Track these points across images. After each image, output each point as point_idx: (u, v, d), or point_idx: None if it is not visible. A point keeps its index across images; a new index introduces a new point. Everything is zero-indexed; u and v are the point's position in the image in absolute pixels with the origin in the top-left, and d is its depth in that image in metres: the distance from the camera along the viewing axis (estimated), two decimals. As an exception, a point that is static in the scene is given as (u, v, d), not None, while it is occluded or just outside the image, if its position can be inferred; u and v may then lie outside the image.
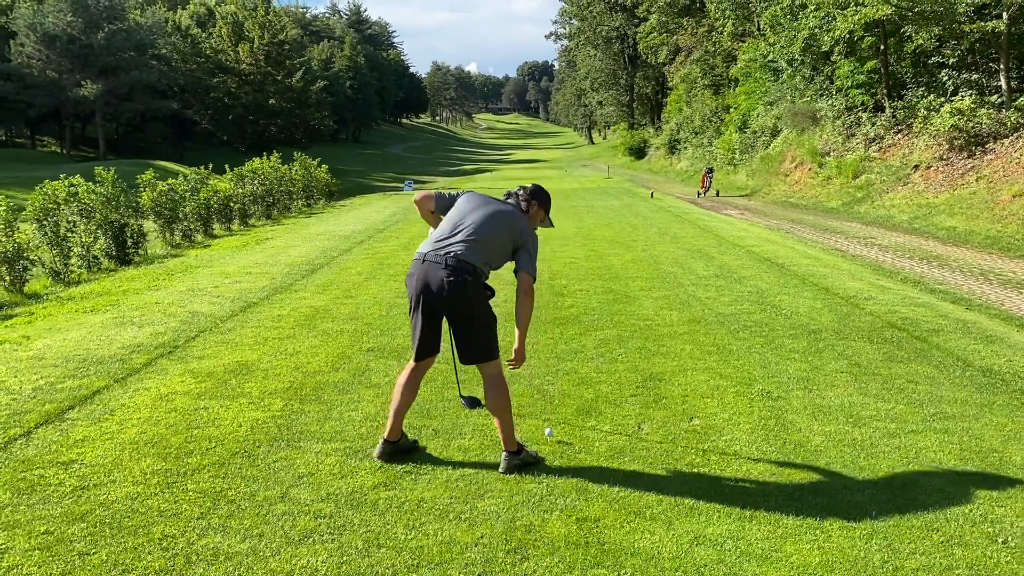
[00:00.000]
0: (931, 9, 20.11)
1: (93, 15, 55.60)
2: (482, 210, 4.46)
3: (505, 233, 4.42)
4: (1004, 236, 14.90)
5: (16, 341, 7.27)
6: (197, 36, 65.88)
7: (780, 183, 29.06)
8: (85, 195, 12.95)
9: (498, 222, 4.42)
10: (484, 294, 4.40)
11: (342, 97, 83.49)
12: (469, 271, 4.23)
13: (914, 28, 21.90)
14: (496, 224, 4.41)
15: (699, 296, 9.06)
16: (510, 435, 4.38)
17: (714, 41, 43.18)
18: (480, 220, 4.39)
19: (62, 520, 3.77)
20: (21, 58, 54.26)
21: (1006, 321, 8.60)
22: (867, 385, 5.81)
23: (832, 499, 4.00)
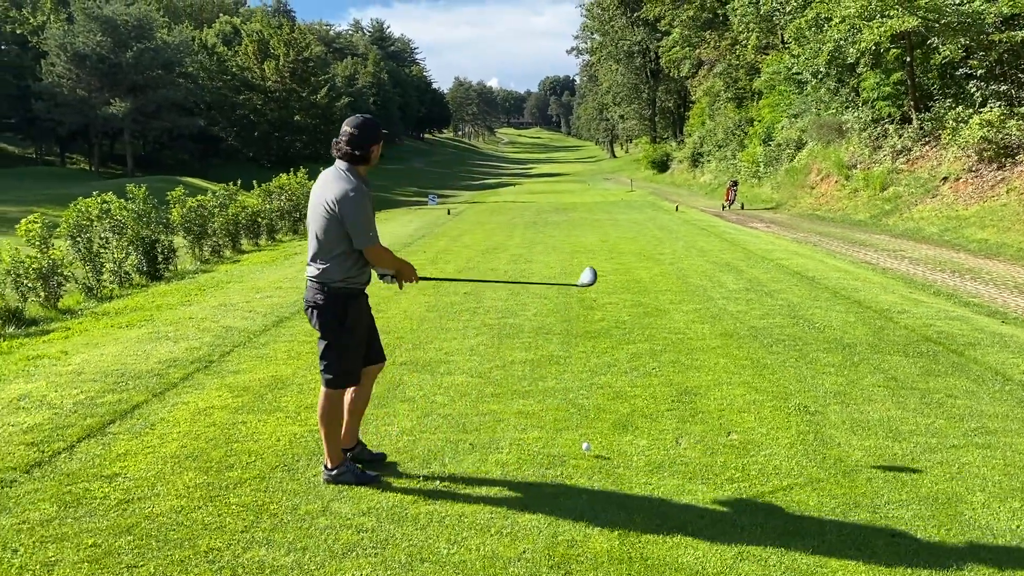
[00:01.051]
0: (958, 20, 19.97)
1: (122, 34, 56.56)
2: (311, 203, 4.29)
3: (320, 217, 4.16)
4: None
5: (55, 356, 7.37)
6: (223, 54, 66.81)
7: (806, 196, 28.89)
8: (117, 212, 13.13)
9: (313, 208, 4.22)
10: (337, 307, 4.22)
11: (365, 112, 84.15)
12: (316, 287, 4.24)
13: (941, 40, 21.75)
14: (313, 212, 4.23)
15: (730, 310, 9.01)
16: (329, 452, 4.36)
17: (737, 54, 43.13)
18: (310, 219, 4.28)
19: (109, 533, 3.81)
20: (52, 77, 55.32)
21: (1043, 334, 8.48)
22: (905, 399, 5.76)
23: (875, 515, 3.97)
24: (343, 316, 4.23)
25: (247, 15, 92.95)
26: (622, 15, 68.27)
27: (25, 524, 3.91)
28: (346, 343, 4.29)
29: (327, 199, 4.10)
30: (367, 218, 4.13)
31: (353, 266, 4.20)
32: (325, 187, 4.18)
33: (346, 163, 4.22)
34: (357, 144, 4.19)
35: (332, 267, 4.17)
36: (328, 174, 4.26)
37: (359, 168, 4.23)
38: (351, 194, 4.08)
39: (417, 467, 4.60)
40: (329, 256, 4.17)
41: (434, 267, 13.16)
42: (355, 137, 4.19)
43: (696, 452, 4.78)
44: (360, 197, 4.10)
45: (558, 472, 4.50)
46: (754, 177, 36.21)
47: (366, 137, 4.21)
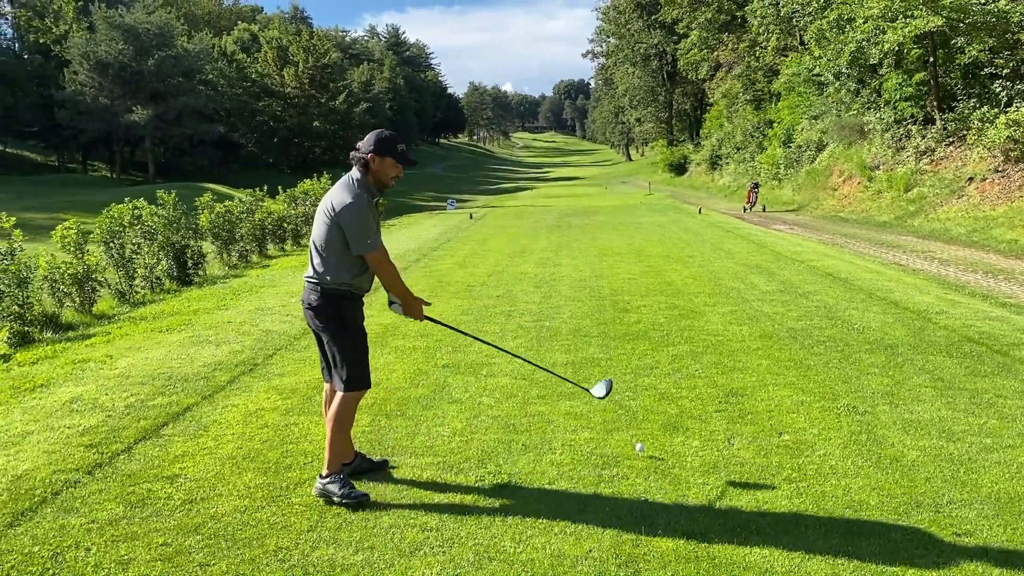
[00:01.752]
0: (983, 20, 19.85)
1: (143, 42, 57.08)
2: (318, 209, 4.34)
3: (322, 222, 4.22)
4: (1069, 248, 14.57)
5: (100, 360, 7.46)
6: (242, 61, 67.30)
7: (828, 197, 28.75)
8: (148, 218, 13.25)
9: (318, 211, 4.28)
10: (331, 307, 4.23)
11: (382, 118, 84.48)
12: (311, 287, 4.30)
13: (966, 39, 21.61)
14: (317, 215, 4.30)
15: (766, 311, 9.00)
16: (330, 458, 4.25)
17: (756, 56, 43.00)
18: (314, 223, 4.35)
19: (177, 532, 3.87)
20: (75, 85, 55.91)
21: (1084, 335, 8.41)
22: (954, 400, 5.73)
23: (938, 514, 3.96)
24: (340, 316, 4.24)
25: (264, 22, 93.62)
26: (638, 18, 68.27)
27: (94, 524, 3.97)
28: (353, 342, 4.27)
29: (330, 204, 4.17)
30: (363, 226, 4.11)
31: (347, 271, 4.20)
32: (332, 193, 4.24)
33: (358, 172, 4.22)
34: (364, 150, 4.20)
35: (327, 269, 4.21)
36: (339, 181, 4.31)
37: (368, 178, 4.21)
38: (349, 201, 4.10)
39: (473, 466, 4.63)
40: (326, 258, 4.21)
41: (463, 271, 13.21)
42: (363, 143, 4.25)
43: (750, 452, 4.78)
44: (358, 206, 4.09)
45: (613, 472, 4.51)
46: (774, 179, 36.07)
47: (369, 143, 4.20)
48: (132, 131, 57.72)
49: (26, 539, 3.82)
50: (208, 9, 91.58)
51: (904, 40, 22.35)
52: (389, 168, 4.21)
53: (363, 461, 4.60)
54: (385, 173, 4.22)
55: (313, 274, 4.28)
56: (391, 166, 4.21)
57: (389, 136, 4.24)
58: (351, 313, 4.29)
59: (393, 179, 4.26)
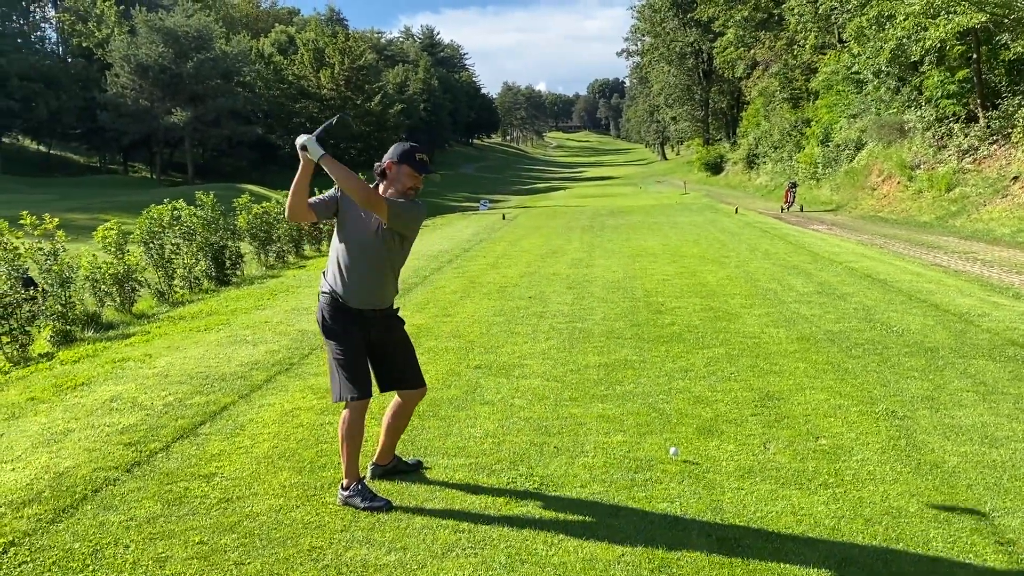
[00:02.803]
0: (1029, 15, 19.41)
1: (183, 45, 58.07)
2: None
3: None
4: (1118, 249, 14.18)
5: (139, 359, 7.59)
6: (279, 63, 68.11)
7: (867, 197, 28.31)
8: (187, 219, 13.45)
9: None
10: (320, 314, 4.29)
11: (417, 119, 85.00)
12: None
13: (1011, 36, 21.14)
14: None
15: (803, 313, 8.88)
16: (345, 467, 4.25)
17: (794, 54, 42.49)
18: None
19: (213, 531, 3.91)
20: (116, 88, 57.11)
21: None
22: (997, 404, 5.61)
23: (980, 522, 3.87)
24: (327, 323, 4.23)
25: (301, 24, 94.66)
26: (674, 16, 67.81)
27: (133, 521, 4.03)
28: (337, 353, 4.19)
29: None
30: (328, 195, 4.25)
31: (338, 277, 4.17)
32: None
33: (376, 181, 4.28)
34: (384, 159, 4.24)
35: (326, 274, 4.29)
36: None
37: (384, 185, 4.22)
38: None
39: (505, 468, 4.63)
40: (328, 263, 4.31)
41: (495, 271, 13.23)
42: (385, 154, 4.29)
43: (786, 457, 4.72)
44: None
45: (647, 476, 4.48)
46: (812, 179, 35.61)
47: (389, 153, 4.25)
48: (171, 133, 58.80)
49: (67, 535, 3.90)
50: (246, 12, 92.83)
51: (946, 37, 21.93)
52: (406, 178, 4.16)
53: (399, 463, 4.63)
54: (401, 182, 4.16)
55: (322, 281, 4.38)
56: (408, 175, 4.16)
57: (409, 146, 4.25)
58: (340, 325, 4.20)
59: (411, 189, 4.18)
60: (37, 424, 5.65)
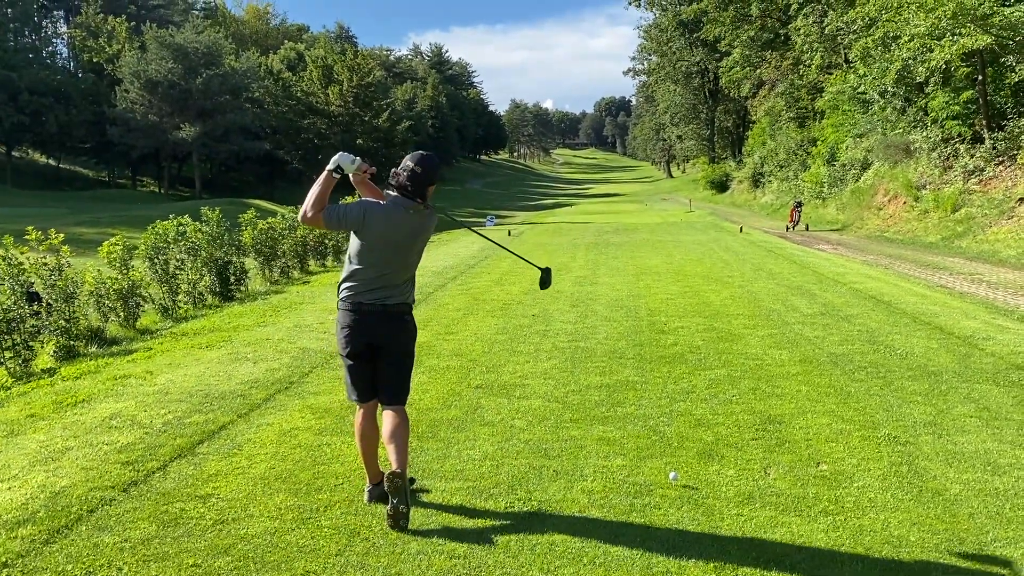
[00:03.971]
0: (1035, 37, 19.42)
1: (192, 61, 58.49)
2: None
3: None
4: (1125, 272, 14.10)
5: (140, 376, 7.59)
6: (288, 79, 68.54)
7: (873, 217, 28.26)
8: (192, 234, 13.48)
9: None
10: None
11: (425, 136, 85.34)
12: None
13: (1016, 58, 21.15)
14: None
15: (807, 335, 8.84)
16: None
17: (800, 74, 42.58)
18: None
19: (207, 553, 3.89)
20: (126, 103, 57.51)
21: None
22: (1001, 431, 5.56)
23: (982, 552, 3.83)
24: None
25: (310, 41, 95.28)
26: (680, 36, 68.02)
27: (127, 543, 4.01)
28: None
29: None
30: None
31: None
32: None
33: (395, 193, 4.31)
34: (419, 183, 4.28)
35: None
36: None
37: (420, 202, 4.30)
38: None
39: (503, 492, 4.59)
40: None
41: (500, 288, 13.22)
42: (418, 176, 4.28)
43: (786, 483, 4.68)
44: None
45: (646, 501, 4.45)
46: (818, 198, 35.57)
47: (429, 178, 4.31)
48: (180, 147, 59.11)
49: (60, 557, 3.88)
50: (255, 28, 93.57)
51: (951, 58, 21.96)
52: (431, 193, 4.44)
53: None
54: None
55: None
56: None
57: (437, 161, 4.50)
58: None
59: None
60: (35, 442, 5.64)
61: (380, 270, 4.30)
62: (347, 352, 4.40)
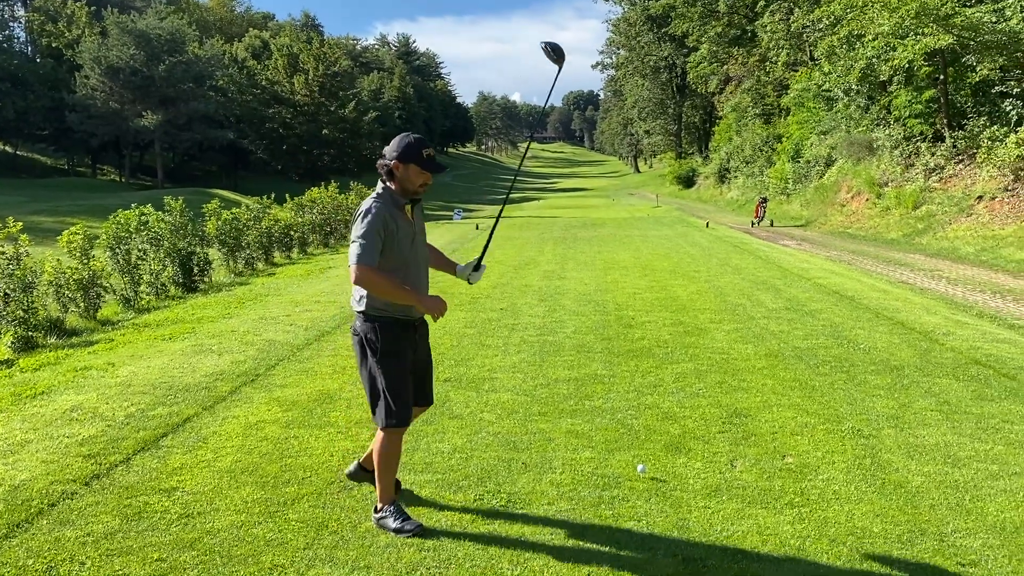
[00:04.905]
0: (994, 39, 19.80)
1: (155, 48, 57.47)
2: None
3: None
4: (1078, 269, 14.48)
5: (102, 368, 7.45)
6: (253, 68, 67.63)
7: (836, 213, 28.68)
8: (155, 224, 13.27)
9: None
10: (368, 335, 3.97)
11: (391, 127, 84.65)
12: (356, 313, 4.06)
13: (977, 58, 21.57)
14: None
15: (772, 329, 8.95)
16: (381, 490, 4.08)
17: (766, 70, 43.03)
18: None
19: (173, 547, 3.83)
20: (86, 90, 56.35)
21: (1093, 358, 8.33)
22: (960, 424, 5.67)
23: (942, 543, 3.90)
24: (383, 346, 3.94)
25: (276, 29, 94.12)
26: (649, 31, 68.41)
27: (89, 537, 3.94)
28: (377, 374, 3.97)
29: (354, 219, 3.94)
30: (364, 235, 3.77)
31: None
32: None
33: (382, 181, 4.00)
34: (388, 156, 3.94)
35: (362, 293, 3.96)
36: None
37: (394, 186, 3.97)
38: (362, 210, 3.87)
39: (472, 485, 4.59)
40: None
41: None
42: (388, 148, 3.98)
43: (752, 475, 4.73)
44: (368, 214, 3.81)
45: (614, 493, 4.47)
46: (783, 194, 36.02)
47: (393, 150, 3.93)
48: (141, 136, 58.07)
49: (20, 551, 3.80)
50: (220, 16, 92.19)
51: (914, 57, 22.34)
52: (414, 176, 3.94)
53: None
54: (411, 181, 3.94)
55: (356, 299, 4.03)
56: (416, 173, 3.94)
57: (414, 141, 3.96)
58: (393, 344, 3.97)
59: (421, 186, 3.98)
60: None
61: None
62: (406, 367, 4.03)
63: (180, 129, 58.19)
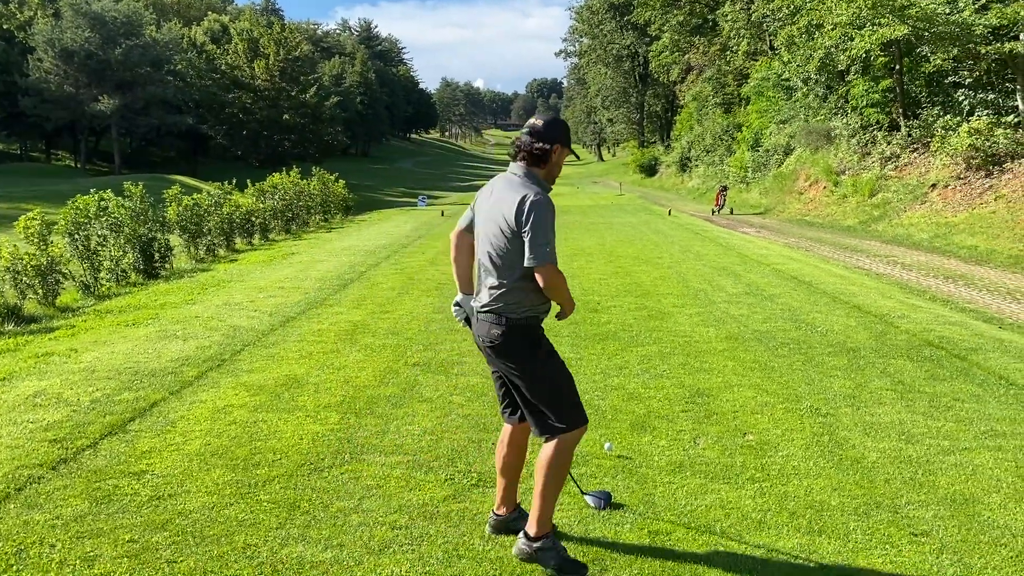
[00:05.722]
0: (948, 30, 20.24)
1: (110, 31, 56.23)
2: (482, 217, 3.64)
3: (495, 232, 3.49)
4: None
5: (64, 354, 7.37)
6: (212, 52, 66.49)
7: (794, 201, 29.14)
8: (115, 209, 13.07)
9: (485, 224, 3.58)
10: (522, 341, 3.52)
11: (353, 112, 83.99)
12: (493, 320, 3.53)
13: (931, 49, 22.03)
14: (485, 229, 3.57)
15: (732, 313, 9.13)
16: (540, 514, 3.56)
17: (727, 60, 43.43)
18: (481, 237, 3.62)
19: (144, 529, 3.85)
20: (39, 73, 54.91)
21: (1039, 340, 8.64)
22: (914, 403, 5.87)
23: (896, 514, 4.06)
24: (534, 346, 3.55)
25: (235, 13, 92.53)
26: (611, 19, 68.57)
27: (59, 520, 3.93)
28: (551, 374, 3.56)
29: (502, 211, 3.44)
30: (549, 231, 3.38)
31: (536, 291, 3.46)
32: (499, 197, 3.51)
33: (523, 166, 3.53)
34: (540, 137, 3.50)
35: (514, 294, 3.47)
36: (499, 181, 3.61)
37: (538, 172, 3.54)
38: (533, 199, 3.36)
39: (443, 465, 4.66)
40: (510, 281, 3.47)
41: (434, 268, 13.21)
42: (538, 131, 3.52)
43: (715, 452, 4.86)
44: (548, 209, 3.37)
45: (582, 471, 4.56)
46: (742, 182, 36.47)
47: (551, 133, 3.51)
48: (98, 120, 56.87)
49: (-11, 535, 3.78)
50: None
51: (871, 47, 22.75)
52: (563, 161, 3.64)
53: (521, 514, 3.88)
54: (559, 167, 3.63)
55: (494, 304, 3.51)
56: (564, 157, 3.63)
57: (565, 123, 3.64)
58: (545, 341, 3.62)
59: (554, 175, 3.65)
60: (-45, 421, 5.45)
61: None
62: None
63: (137, 114, 57.09)
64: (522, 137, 3.55)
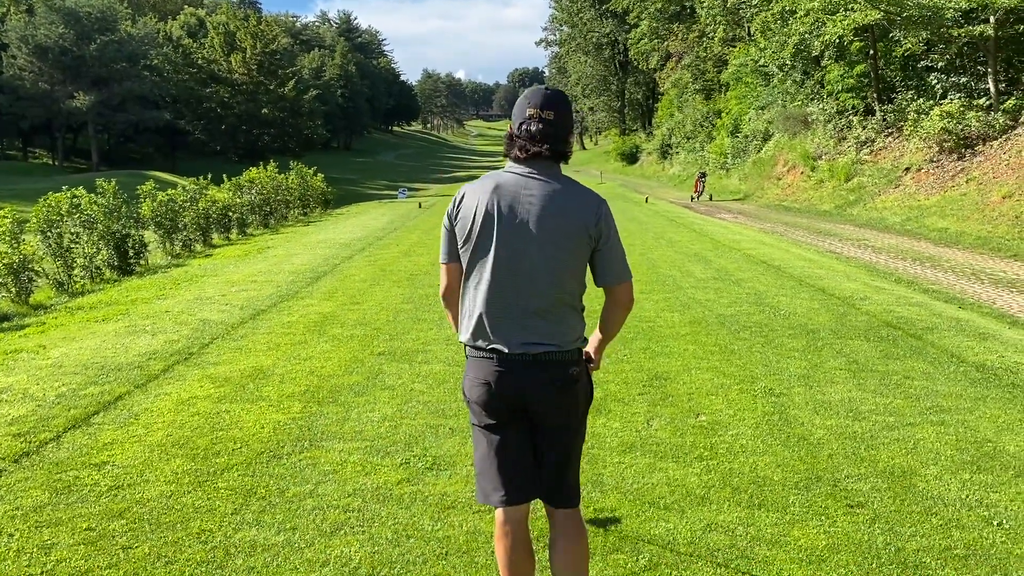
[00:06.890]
0: (919, 14, 20.43)
1: (85, 26, 55.76)
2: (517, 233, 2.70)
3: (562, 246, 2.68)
4: (994, 237, 15.18)
5: (33, 350, 7.41)
6: (189, 47, 66.06)
7: (773, 187, 29.36)
8: (87, 206, 13.07)
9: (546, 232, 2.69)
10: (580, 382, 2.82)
11: (333, 105, 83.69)
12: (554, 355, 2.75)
13: (903, 33, 22.24)
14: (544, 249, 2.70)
15: (699, 298, 9.27)
16: None
17: (705, 47, 43.58)
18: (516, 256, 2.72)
19: (102, 517, 3.93)
20: (13, 70, 54.44)
21: (998, 319, 8.83)
22: (865, 381, 6.02)
23: (836, 487, 4.20)
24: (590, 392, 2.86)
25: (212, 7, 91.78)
26: (591, 7, 68.55)
27: (18, 511, 4.01)
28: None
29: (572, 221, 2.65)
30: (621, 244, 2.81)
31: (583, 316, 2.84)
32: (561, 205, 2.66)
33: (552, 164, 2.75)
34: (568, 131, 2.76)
35: (575, 317, 2.79)
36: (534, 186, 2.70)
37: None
38: (607, 210, 2.76)
39: (400, 450, 4.76)
40: (572, 303, 2.79)
41: (408, 259, 13.29)
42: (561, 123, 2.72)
43: (666, 433, 4.99)
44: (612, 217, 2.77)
45: (535, 453, 4.67)
46: (722, 168, 36.68)
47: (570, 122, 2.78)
48: (74, 117, 56.46)
49: (-52, 527, 3.86)
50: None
51: (844, 32, 22.93)
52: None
53: None
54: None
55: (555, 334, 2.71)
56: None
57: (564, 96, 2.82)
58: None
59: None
60: (-80, 418, 5.50)
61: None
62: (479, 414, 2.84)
63: (114, 110, 56.70)
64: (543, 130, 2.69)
